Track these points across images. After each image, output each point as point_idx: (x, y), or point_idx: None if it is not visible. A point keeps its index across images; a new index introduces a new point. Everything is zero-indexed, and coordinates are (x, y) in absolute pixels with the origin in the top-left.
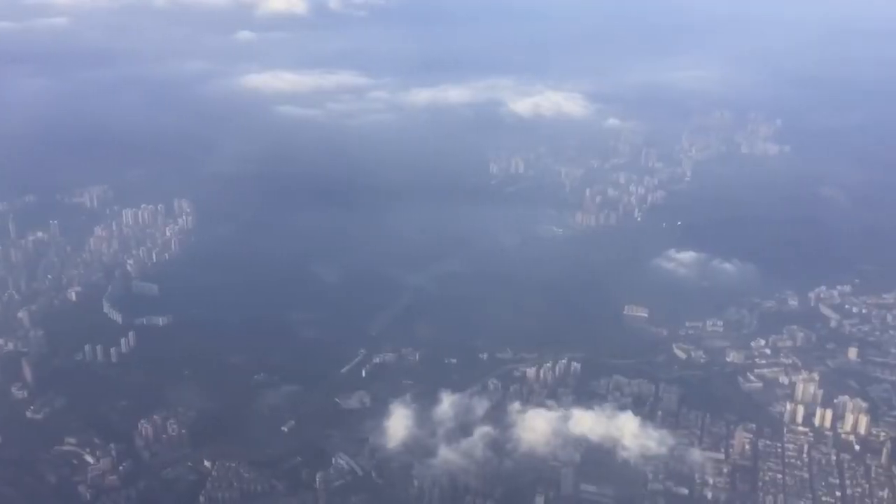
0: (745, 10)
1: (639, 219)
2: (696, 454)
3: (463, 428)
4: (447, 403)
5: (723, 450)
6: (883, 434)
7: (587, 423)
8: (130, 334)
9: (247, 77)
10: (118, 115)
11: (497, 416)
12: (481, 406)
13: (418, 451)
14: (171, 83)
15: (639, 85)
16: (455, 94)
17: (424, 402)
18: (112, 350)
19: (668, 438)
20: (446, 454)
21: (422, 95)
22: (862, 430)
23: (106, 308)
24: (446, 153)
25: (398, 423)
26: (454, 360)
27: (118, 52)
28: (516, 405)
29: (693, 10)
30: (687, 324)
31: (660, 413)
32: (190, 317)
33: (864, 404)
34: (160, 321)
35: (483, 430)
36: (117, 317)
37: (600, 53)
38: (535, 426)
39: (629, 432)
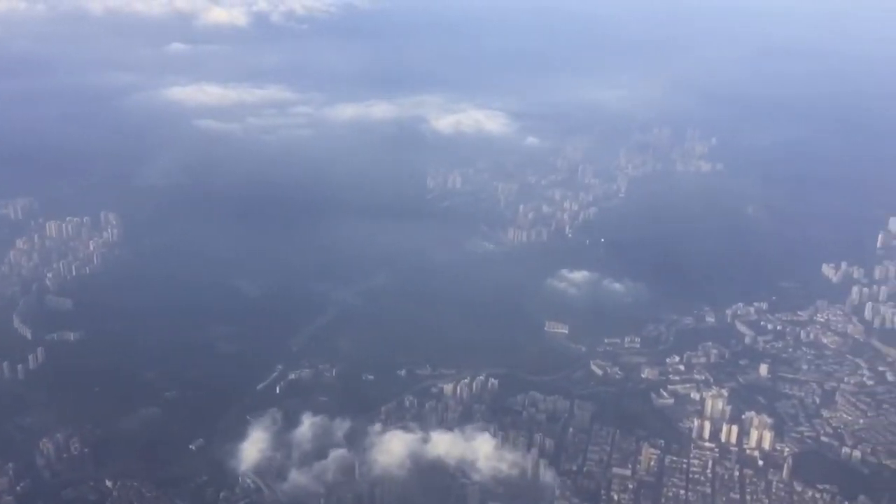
0: (685, 30)
1: (570, 235)
2: (550, 476)
3: (319, 451)
4: (307, 425)
5: (630, 466)
6: (787, 449)
7: (444, 445)
8: (39, 350)
9: (172, 90)
10: (46, 125)
11: (357, 438)
12: (342, 428)
13: (269, 474)
14: (98, 94)
15: (573, 103)
16: (379, 110)
17: (286, 423)
18: (19, 366)
19: (521, 461)
20: (296, 477)
21: (346, 111)
22: (766, 445)
23: (16, 323)
24: (370, 169)
25: (253, 446)
26: (371, 377)
27: (47, 62)
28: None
29: (633, 30)
30: (605, 340)
31: (571, 430)
32: (104, 332)
33: (770, 420)
34: (72, 336)
35: (339, 453)
36: (27, 332)
37: (536, 71)
38: (392, 449)
39: (483, 454)
